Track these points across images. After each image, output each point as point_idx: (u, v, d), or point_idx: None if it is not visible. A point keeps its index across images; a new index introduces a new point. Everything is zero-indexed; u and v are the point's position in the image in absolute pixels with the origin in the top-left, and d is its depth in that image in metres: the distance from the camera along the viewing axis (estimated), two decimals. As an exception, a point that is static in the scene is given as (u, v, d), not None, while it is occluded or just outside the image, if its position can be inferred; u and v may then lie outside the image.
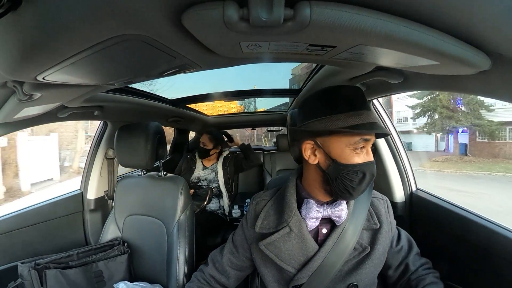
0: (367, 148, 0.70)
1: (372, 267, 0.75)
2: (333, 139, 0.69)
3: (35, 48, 0.48)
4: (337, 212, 0.73)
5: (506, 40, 0.47)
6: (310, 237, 0.75)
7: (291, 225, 0.75)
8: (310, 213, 0.73)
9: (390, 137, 1.32)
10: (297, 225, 0.75)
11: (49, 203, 1.47)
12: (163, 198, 1.29)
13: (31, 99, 0.76)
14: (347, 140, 0.68)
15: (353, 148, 0.68)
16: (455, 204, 1.04)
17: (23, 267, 1.01)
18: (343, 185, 0.68)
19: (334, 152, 0.69)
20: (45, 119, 1.17)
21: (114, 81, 0.83)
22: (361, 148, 0.69)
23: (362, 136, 0.67)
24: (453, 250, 0.98)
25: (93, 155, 1.69)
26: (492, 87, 0.64)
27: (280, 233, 0.76)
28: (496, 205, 6.74)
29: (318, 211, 0.73)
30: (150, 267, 1.27)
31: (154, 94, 1.83)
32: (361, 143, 0.68)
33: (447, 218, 1.02)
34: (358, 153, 0.68)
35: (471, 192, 8.14)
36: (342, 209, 0.74)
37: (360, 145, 0.68)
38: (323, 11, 0.39)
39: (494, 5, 0.38)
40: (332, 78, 1.11)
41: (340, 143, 0.69)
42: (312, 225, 0.75)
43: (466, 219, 0.93)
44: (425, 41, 0.46)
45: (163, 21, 0.45)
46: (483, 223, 0.88)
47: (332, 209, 0.74)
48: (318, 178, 0.74)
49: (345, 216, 0.74)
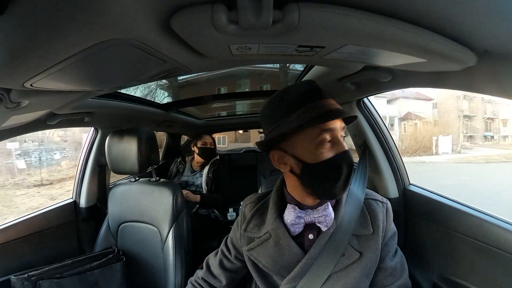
0: (336, 138, 0.65)
1: (362, 275, 0.71)
2: (296, 141, 0.66)
3: (21, 54, 0.47)
4: (320, 218, 0.70)
5: (491, 36, 0.48)
6: (293, 244, 0.72)
7: (271, 232, 0.74)
8: (291, 219, 0.71)
9: (381, 134, 1.33)
10: (277, 232, 0.73)
11: (41, 213, 1.44)
12: (157, 204, 1.28)
13: (18, 107, 0.75)
14: (309, 137, 0.64)
15: (318, 144, 0.63)
16: (447, 197, 1.06)
17: (16, 280, 0.99)
18: (322, 185, 0.66)
19: (301, 153, 0.66)
20: (34, 127, 1.15)
21: (103, 86, 0.82)
22: (329, 141, 0.64)
23: (321, 127, 0.63)
24: (447, 242, 0.99)
25: (84, 162, 1.66)
26: (478, 82, 0.65)
27: (261, 239, 0.76)
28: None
29: (300, 216, 0.71)
30: (147, 273, 1.26)
31: (144, 99, 1.81)
32: (325, 135, 0.63)
33: (441, 211, 1.03)
34: (327, 147, 0.64)
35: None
36: (326, 215, 0.70)
37: (326, 138, 0.63)
38: (312, 13, 0.40)
39: (478, 3, 0.39)
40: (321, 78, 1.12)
41: (304, 142, 0.65)
42: (295, 230, 0.72)
43: (460, 211, 0.95)
44: (412, 40, 0.47)
45: (151, 25, 0.45)
46: (477, 214, 0.89)
47: (315, 214, 0.71)
48: (297, 184, 0.71)
49: (330, 222, 0.71)
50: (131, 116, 1.70)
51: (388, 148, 1.32)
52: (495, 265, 0.81)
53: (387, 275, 0.75)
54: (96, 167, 1.67)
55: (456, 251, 0.95)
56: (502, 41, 0.48)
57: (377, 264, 0.74)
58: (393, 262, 0.76)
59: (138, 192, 1.34)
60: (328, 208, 0.71)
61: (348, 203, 0.76)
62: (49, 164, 9.30)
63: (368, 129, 1.34)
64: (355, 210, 0.75)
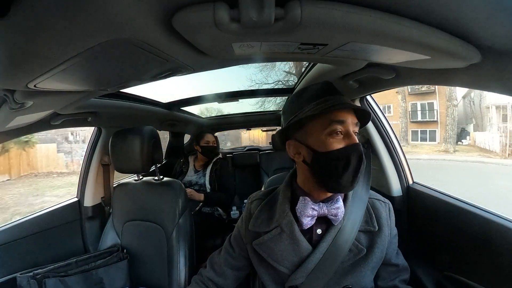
0: (348, 131, 0.67)
1: (368, 270, 0.73)
2: (309, 131, 0.69)
3: (25, 56, 0.47)
4: (333, 210, 0.71)
5: (495, 33, 0.47)
6: (302, 238, 0.73)
7: (282, 226, 0.74)
8: (305, 211, 0.71)
9: (385, 132, 1.33)
10: (289, 226, 0.74)
11: (46, 213, 1.45)
12: (161, 203, 1.28)
13: (23, 107, 0.75)
14: (321, 127, 0.67)
15: (329, 134, 0.66)
16: (451, 195, 1.05)
17: (22, 278, 1.01)
18: (330, 175, 0.67)
19: (313, 143, 0.69)
20: (38, 127, 1.16)
21: (106, 86, 0.82)
22: (339, 133, 0.66)
23: (332, 118, 0.66)
24: (451, 241, 0.99)
25: (88, 161, 1.67)
26: (482, 79, 0.64)
27: (272, 233, 0.76)
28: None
29: (314, 209, 0.71)
30: (151, 272, 1.27)
31: (147, 98, 1.81)
32: (335, 126, 0.66)
33: (444, 210, 1.02)
34: (337, 139, 0.66)
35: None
36: (339, 207, 0.72)
37: (337, 129, 0.66)
38: (314, 10, 0.39)
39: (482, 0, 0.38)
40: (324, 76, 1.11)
41: (316, 133, 0.68)
42: (307, 223, 0.72)
43: (463, 210, 0.94)
44: (415, 37, 0.47)
45: (154, 25, 0.45)
46: (480, 213, 0.89)
47: (328, 207, 0.72)
48: (309, 174, 0.73)
49: (341, 215, 0.72)
50: (134, 115, 1.70)
51: (392, 146, 1.31)
52: (499, 263, 0.81)
53: (394, 271, 0.81)
54: (100, 167, 1.68)
55: (460, 249, 0.95)
56: (506, 38, 0.48)
57: (382, 260, 0.77)
58: (399, 259, 0.82)
59: (142, 191, 1.35)
60: (340, 201, 0.73)
61: (353, 200, 0.78)
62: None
63: (372, 127, 1.33)
64: (361, 207, 0.78)
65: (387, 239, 0.76)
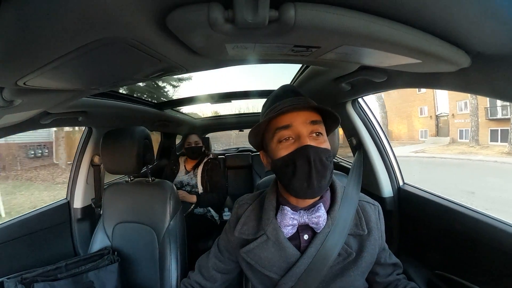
0: (298, 134, 0.65)
1: (357, 274, 0.72)
2: (266, 139, 0.71)
3: (14, 52, 0.46)
4: (314, 219, 0.70)
5: (484, 38, 0.48)
6: (289, 244, 0.72)
7: (268, 233, 0.73)
8: (284, 221, 0.70)
9: (376, 134, 1.34)
10: (274, 233, 0.72)
11: (34, 215, 1.42)
12: (152, 204, 1.27)
13: (11, 106, 0.73)
14: (271, 136, 0.68)
15: (278, 141, 0.66)
16: (441, 196, 1.07)
17: (9, 282, 0.98)
18: (286, 182, 0.66)
19: (270, 151, 0.70)
20: (27, 126, 1.13)
21: (98, 85, 0.81)
22: (289, 138, 0.65)
23: (278, 125, 0.66)
24: (442, 241, 1.00)
25: (78, 162, 1.64)
26: (471, 83, 0.66)
27: (258, 241, 0.75)
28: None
29: (293, 218, 0.70)
30: (143, 274, 1.25)
31: (139, 98, 1.80)
32: (281, 133, 0.65)
33: (435, 210, 1.04)
34: (287, 144, 0.65)
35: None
36: (320, 216, 0.70)
37: (283, 135, 0.65)
38: (308, 12, 0.40)
39: (472, 6, 0.39)
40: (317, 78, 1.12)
41: (269, 141, 0.69)
42: (288, 232, 0.71)
43: (453, 211, 0.96)
44: (407, 41, 0.47)
45: (147, 24, 0.44)
46: (469, 213, 0.91)
47: (309, 215, 0.70)
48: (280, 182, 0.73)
49: (323, 223, 0.71)
50: (126, 115, 1.68)
51: (383, 147, 1.33)
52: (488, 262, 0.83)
53: (390, 268, 0.83)
54: (91, 167, 1.66)
55: (450, 248, 0.97)
56: (495, 44, 0.49)
57: (372, 264, 0.76)
58: (392, 259, 0.83)
59: (134, 192, 1.33)
60: (321, 209, 0.71)
61: (343, 203, 0.77)
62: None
63: (363, 129, 1.35)
64: (351, 210, 0.76)
65: (377, 243, 0.75)
